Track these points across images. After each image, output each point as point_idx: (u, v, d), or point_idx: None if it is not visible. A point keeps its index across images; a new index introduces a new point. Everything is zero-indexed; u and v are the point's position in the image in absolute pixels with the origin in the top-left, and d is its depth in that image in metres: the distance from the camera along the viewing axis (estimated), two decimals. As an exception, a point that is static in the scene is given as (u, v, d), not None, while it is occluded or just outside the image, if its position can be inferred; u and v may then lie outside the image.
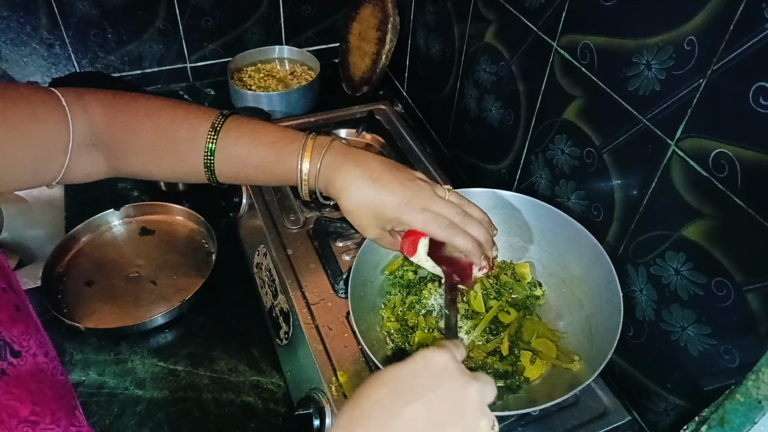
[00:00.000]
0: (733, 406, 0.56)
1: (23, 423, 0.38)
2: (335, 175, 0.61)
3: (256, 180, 0.65)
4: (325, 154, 0.61)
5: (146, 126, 0.61)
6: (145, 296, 0.96)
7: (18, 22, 1.19)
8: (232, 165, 0.63)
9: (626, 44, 0.66)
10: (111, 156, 0.63)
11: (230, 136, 0.62)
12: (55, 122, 0.57)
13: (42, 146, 0.57)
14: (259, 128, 0.63)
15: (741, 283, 0.57)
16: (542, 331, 0.74)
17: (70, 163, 0.59)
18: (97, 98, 0.61)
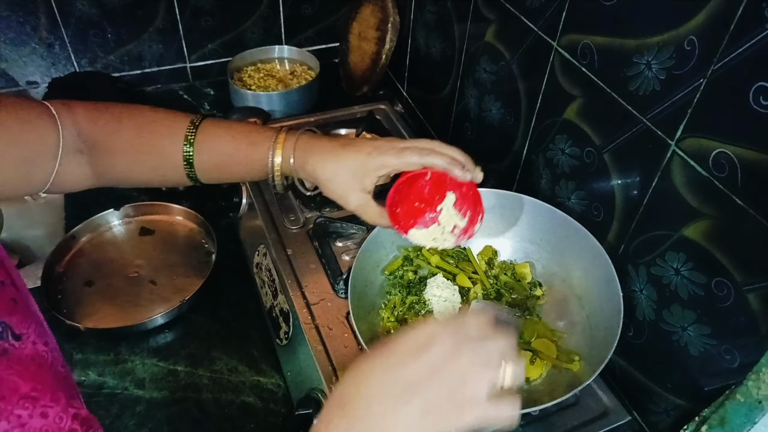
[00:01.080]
0: (734, 406, 0.56)
1: (24, 399, 0.39)
2: (308, 152, 0.65)
3: (233, 171, 0.68)
4: (298, 138, 0.66)
5: (127, 125, 0.65)
6: (145, 296, 0.96)
7: (18, 21, 1.19)
8: (209, 155, 0.65)
9: (626, 44, 0.66)
10: (95, 159, 0.65)
11: (207, 129, 0.66)
12: (45, 127, 0.60)
13: (33, 149, 0.59)
14: (234, 123, 0.68)
15: (741, 283, 0.57)
16: (542, 331, 0.74)
17: (60, 168, 0.61)
18: (83, 105, 0.64)
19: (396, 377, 0.43)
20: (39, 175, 0.61)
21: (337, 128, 1.13)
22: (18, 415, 0.38)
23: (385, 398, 0.43)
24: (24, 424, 0.38)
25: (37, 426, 0.39)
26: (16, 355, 0.41)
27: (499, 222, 0.82)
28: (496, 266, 0.82)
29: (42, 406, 0.40)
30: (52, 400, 0.41)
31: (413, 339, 0.45)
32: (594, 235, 0.72)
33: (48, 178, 0.61)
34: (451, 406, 0.43)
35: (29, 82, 1.28)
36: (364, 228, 0.91)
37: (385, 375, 0.44)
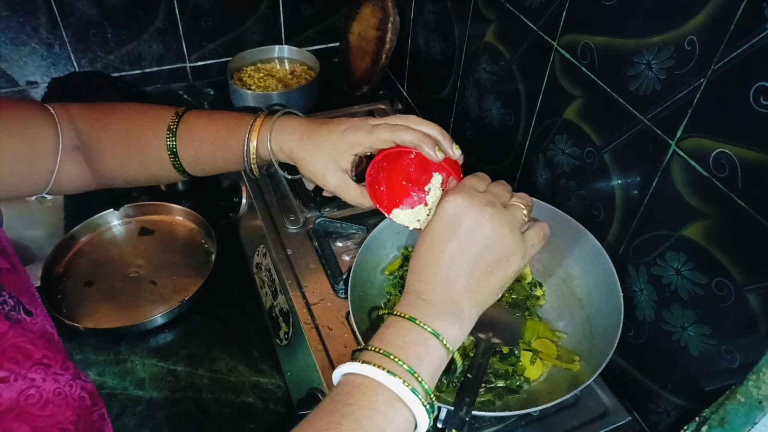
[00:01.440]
0: (734, 407, 0.56)
1: (36, 364, 0.41)
2: (284, 133, 0.65)
3: (216, 159, 0.68)
4: (275, 121, 0.66)
5: (114, 119, 0.67)
6: (145, 296, 0.96)
7: (17, 21, 1.19)
8: (191, 143, 0.66)
9: (627, 44, 0.66)
10: (90, 156, 0.66)
11: (190, 118, 0.67)
12: (44, 123, 0.62)
13: (34, 144, 0.61)
14: (216, 112, 0.69)
15: (741, 283, 0.57)
16: (542, 332, 0.74)
17: (60, 166, 0.63)
18: (78, 105, 0.67)
19: (442, 258, 0.51)
20: (41, 174, 0.62)
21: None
22: (32, 378, 0.40)
23: (442, 279, 0.50)
24: (39, 386, 0.40)
25: (50, 388, 0.41)
26: (28, 327, 0.43)
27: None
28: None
29: (53, 373, 0.42)
30: (62, 369, 0.43)
31: (444, 218, 0.52)
32: (594, 235, 0.72)
33: (50, 176, 0.63)
34: (497, 264, 0.52)
35: (29, 82, 1.28)
36: (364, 228, 0.91)
37: (435, 259, 0.51)
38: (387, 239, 0.81)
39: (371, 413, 0.42)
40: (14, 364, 0.40)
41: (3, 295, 0.42)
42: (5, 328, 0.41)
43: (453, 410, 0.61)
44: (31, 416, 0.39)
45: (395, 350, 0.46)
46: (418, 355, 0.46)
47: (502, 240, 0.52)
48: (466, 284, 0.50)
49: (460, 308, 0.50)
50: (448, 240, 0.51)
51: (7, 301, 0.42)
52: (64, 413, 0.42)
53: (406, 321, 0.48)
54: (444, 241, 0.51)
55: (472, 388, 0.63)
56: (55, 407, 0.41)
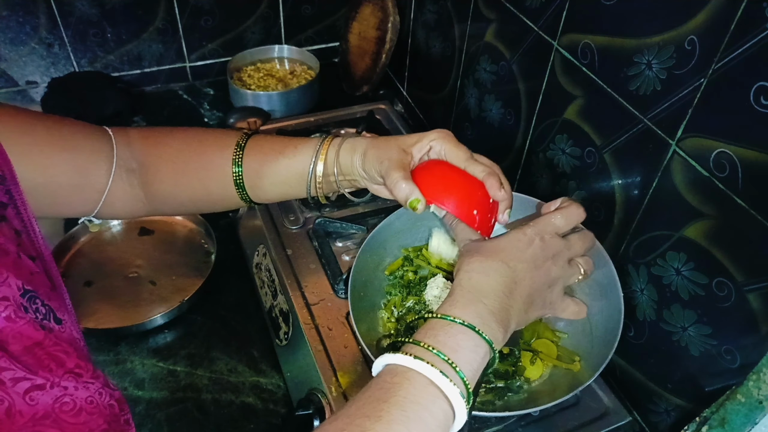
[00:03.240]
0: (734, 407, 0.56)
1: (69, 373, 0.42)
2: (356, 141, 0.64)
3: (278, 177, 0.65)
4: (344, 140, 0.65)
5: (176, 136, 0.66)
6: (145, 296, 0.96)
7: (17, 21, 1.19)
8: (256, 157, 0.65)
9: (627, 44, 0.65)
10: (145, 175, 0.65)
11: (257, 138, 0.66)
12: (100, 138, 0.62)
13: (87, 158, 0.60)
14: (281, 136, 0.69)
15: (742, 283, 0.57)
16: (543, 332, 0.74)
17: (112, 186, 0.62)
18: (139, 128, 0.67)
19: (514, 275, 0.53)
20: (91, 192, 0.62)
21: (337, 128, 1.13)
22: (65, 386, 0.41)
23: (508, 292, 0.52)
24: (72, 394, 0.41)
25: (83, 396, 0.42)
26: (59, 336, 0.44)
27: (499, 222, 0.82)
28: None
29: (84, 382, 0.43)
30: (92, 377, 0.44)
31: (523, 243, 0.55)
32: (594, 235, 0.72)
33: (100, 196, 0.62)
34: (539, 304, 0.55)
35: (29, 81, 1.28)
36: (364, 228, 0.91)
37: (507, 272, 0.53)
38: (387, 239, 0.81)
39: (418, 408, 0.44)
40: (48, 372, 0.40)
41: (36, 302, 0.43)
42: (41, 337, 0.41)
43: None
44: (65, 423, 0.40)
45: (450, 353, 0.47)
46: (469, 361, 0.47)
47: (551, 290, 0.56)
48: (520, 306, 0.53)
49: (508, 323, 0.52)
50: (522, 262, 0.54)
51: (39, 309, 0.43)
52: (96, 421, 0.42)
53: (464, 327, 0.48)
54: (518, 262, 0.54)
55: None
56: (88, 415, 0.42)
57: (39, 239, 0.48)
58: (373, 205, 0.97)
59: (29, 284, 0.43)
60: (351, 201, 0.70)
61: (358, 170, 0.62)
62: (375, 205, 0.97)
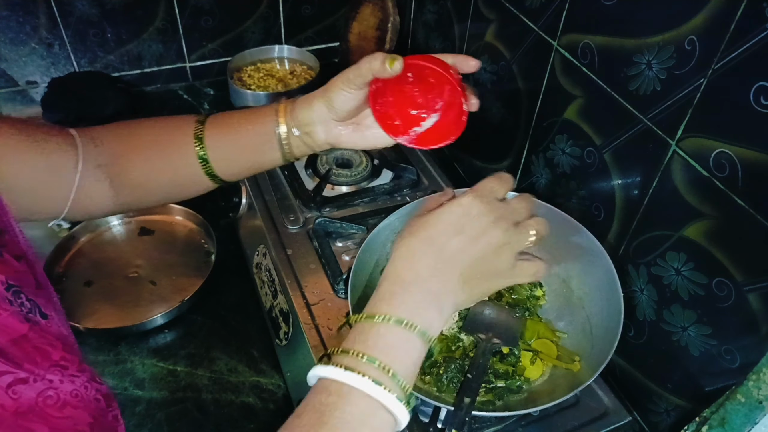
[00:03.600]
0: (734, 407, 0.56)
1: (54, 366, 0.42)
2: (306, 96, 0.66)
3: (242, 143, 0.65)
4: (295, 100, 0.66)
5: (142, 125, 0.67)
6: (145, 296, 0.96)
7: (17, 21, 1.19)
8: (218, 129, 0.65)
9: (627, 44, 0.66)
10: (113, 167, 0.65)
11: (218, 114, 0.67)
12: (65, 139, 0.62)
13: (54, 159, 0.60)
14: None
15: (742, 283, 0.57)
16: (543, 332, 0.74)
17: (81, 183, 0.62)
18: (104, 125, 0.67)
19: (442, 253, 0.50)
20: (59, 190, 0.61)
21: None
22: (50, 379, 0.41)
23: (436, 273, 0.49)
24: (56, 387, 0.41)
25: (68, 389, 0.42)
26: (45, 329, 0.44)
27: (499, 222, 0.82)
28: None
29: (70, 375, 0.42)
30: (78, 371, 0.43)
31: (455, 215, 0.51)
32: (594, 235, 0.72)
33: (68, 194, 0.61)
34: (485, 276, 0.52)
35: (29, 81, 1.28)
36: (364, 228, 0.91)
37: (434, 251, 0.50)
38: (387, 239, 0.81)
39: (358, 425, 0.43)
40: (33, 365, 0.40)
41: (21, 297, 0.43)
42: (26, 330, 0.41)
43: (453, 410, 0.61)
44: (49, 417, 0.40)
45: (382, 356, 0.45)
46: (403, 359, 0.46)
47: (499, 259, 0.52)
48: (455, 285, 0.50)
49: (443, 306, 0.50)
50: (453, 236, 0.51)
51: (24, 303, 0.43)
52: (81, 415, 0.42)
53: (392, 324, 0.47)
54: (448, 237, 0.51)
55: (472, 388, 0.63)
56: (73, 409, 0.41)
57: (20, 239, 0.48)
58: (373, 205, 0.97)
59: (13, 280, 0.43)
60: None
61: (318, 113, 0.63)
62: (375, 205, 0.97)
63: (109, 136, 0.65)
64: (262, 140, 0.64)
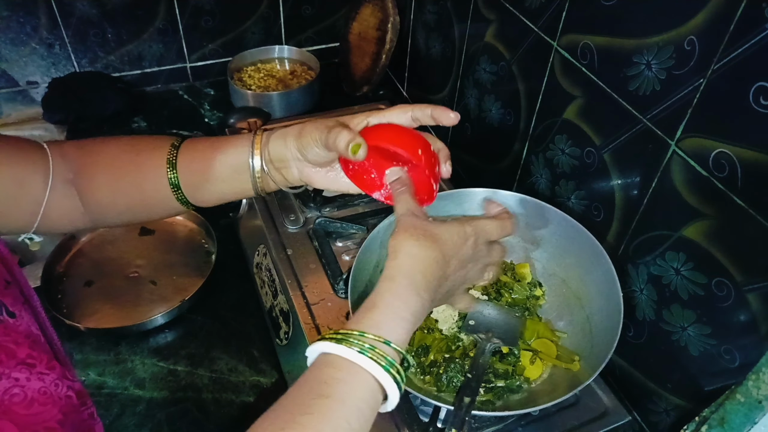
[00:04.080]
0: (734, 406, 0.56)
1: (21, 364, 0.41)
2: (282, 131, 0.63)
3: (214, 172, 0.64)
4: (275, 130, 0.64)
5: (111, 143, 0.65)
6: (145, 296, 0.96)
7: (18, 21, 1.19)
8: (191, 155, 0.63)
9: (626, 44, 0.66)
10: (82, 184, 0.63)
11: (193, 139, 0.65)
12: (35, 151, 0.61)
13: (23, 169, 0.59)
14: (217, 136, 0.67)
15: (741, 283, 0.57)
16: (542, 331, 0.74)
17: (50, 196, 0.61)
18: (74, 141, 0.66)
19: (445, 272, 0.54)
20: (29, 204, 0.60)
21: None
22: (16, 377, 0.40)
23: (435, 290, 0.53)
24: (23, 385, 0.41)
25: (36, 387, 0.41)
26: (11, 327, 0.43)
27: (499, 222, 0.82)
28: (496, 266, 0.82)
29: (38, 372, 0.42)
30: (47, 368, 0.43)
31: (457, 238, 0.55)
32: (594, 235, 0.72)
33: (38, 208, 0.60)
34: (448, 297, 0.58)
35: (29, 82, 1.28)
36: (364, 228, 0.91)
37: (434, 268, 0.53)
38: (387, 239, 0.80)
39: (357, 401, 0.44)
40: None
41: None
42: None
43: (453, 410, 0.61)
44: (16, 415, 0.39)
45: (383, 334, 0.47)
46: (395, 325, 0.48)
47: (460, 288, 0.59)
48: (440, 298, 0.56)
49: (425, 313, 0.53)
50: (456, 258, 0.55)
51: None
52: (50, 412, 0.42)
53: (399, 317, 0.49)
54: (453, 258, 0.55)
55: (472, 388, 0.63)
56: (41, 406, 0.41)
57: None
58: (373, 205, 0.97)
59: None
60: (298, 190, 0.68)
61: (292, 152, 0.61)
62: (375, 205, 0.97)
63: (80, 152, 0.64)
64: (234, 171, 0.63)
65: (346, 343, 0.45)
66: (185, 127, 1.31)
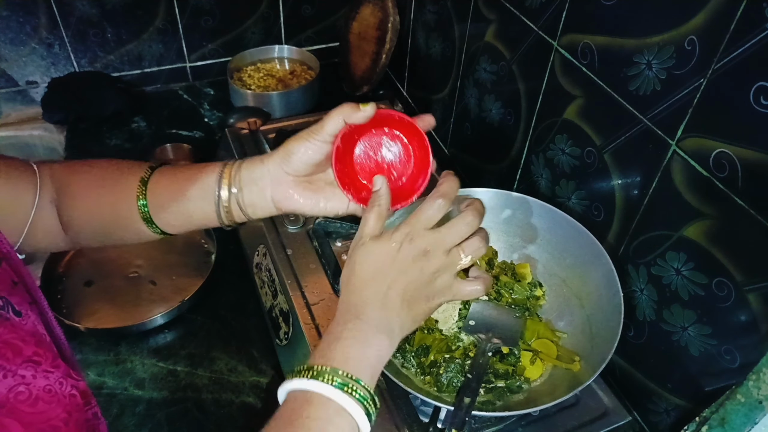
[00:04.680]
0: (734, 407, 0.56)
1: (27, 361, 0.41)
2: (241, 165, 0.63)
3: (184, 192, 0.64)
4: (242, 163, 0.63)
5: (97, 165, 0.66)
6: (145, 296, 0.96)
7: (17, 21, 1.19)
8: (164, 178, 0.63)
9: (627, 44, 0.66)
10: (62, 203, 0.64)
11: (167, 168, 0.65)
12: (25, 169, 0.62)
13: (14, 185, 0.60)
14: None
15: (742, 283, 0.57)
16: (543, 332, 0.74)
17: (35, 217, 0.61)
18: (63, 161, 0.67)
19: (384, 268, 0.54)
20: (15, 222, 0.60)
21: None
22: (22, 375, 0.41)
23: (377, 284, 0.53)
24: (29, 383, 0.41)
25: (41, 385, 0.41)
26: (18, 326, 0.43)
27: (499, 222, 0.82)
28: (496, 266, 0.82)
29: (43, 370, 0.42)
30: (52, 366, 0.43)
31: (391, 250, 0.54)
32: (594, 235, 0.72)
33: (23, 227, 0.61)
34: (426, 298, 0.55)
35: (29, 81, 1.28)
36: (364, 228, 0.91)
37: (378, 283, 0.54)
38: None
39: (324, 424, 0.47)
40: (5, 360, 0.40)
41: None
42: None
43: (453, 410, 0.61)
44: (21, 413, 0.39)
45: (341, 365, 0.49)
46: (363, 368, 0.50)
47: (435, 283, 0.55)
48: (399, 310, 0.54)
49: (393, 329, 0.53)
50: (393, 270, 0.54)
51: None
52: (55, 410, 0.42)
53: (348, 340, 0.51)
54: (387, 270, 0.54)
55: (472, 388, 0.63)
56: (45, 404, 0.41)
57: (4, 242, 0.48)
58: (373, 205, 0.97)
59: None
60: None
61: (270, 169, 0.60)
62: (375, 205, 0.97)
63: (64, 173, 0.64)
64: (202, 198, 0.62)
65: (322, 378, 0.48)
66: (185, 127, 1.31)
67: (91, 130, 1.28)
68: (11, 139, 1.28)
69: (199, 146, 1.25)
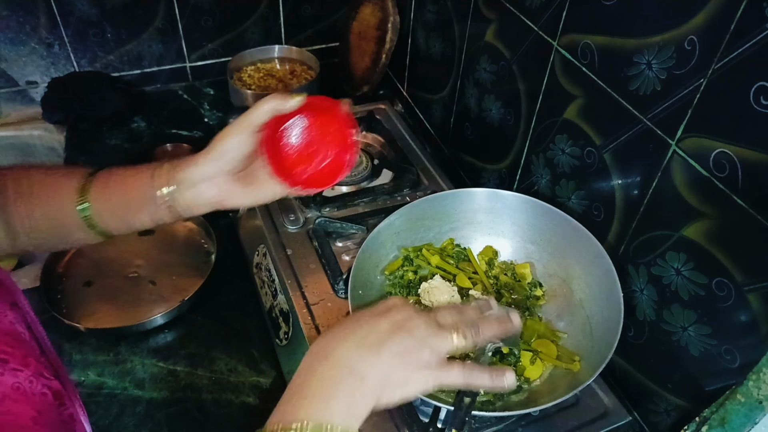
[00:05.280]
0: (734, 407, 0.56)
1: None
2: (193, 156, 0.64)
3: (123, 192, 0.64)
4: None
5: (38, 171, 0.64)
6: (145, 296, 0.96)
7: (17, 21, 1.19)
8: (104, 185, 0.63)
9: (627, 44, 0.66)
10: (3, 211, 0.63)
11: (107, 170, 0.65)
12: None
13: None
14: None
15: (742, 283, 0.57)
16: (543, 332, 0.74)
17: None
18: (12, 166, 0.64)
19: (368, 332, 0.51)
20: None
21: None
22: None
23: (360, 348, 0.50)
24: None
25: (9, 382, 0.41)
26: None
27: (499, 222, 0.82)
28: (497, 266, 0.82)
29: (12, 368, 0.42)
30: (21, 365, 0.43)
31: (380, 305, 0.54)
32: (594, 235, 0.72)
33: None
34: (410, 367, 0.50)
35: (29, 81, 1.28)
36: (364, 228, 0.91)
37: (360, 330, 0.52)
38: (387, 239, 0.81)
39: None
40: None
41: None
42: None
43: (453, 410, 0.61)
44: None
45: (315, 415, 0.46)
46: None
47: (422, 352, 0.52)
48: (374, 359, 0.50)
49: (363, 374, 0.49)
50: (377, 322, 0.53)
51: None
52: (23, 408, 0.41)
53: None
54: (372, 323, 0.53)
55: None
56: (12, 402, 0.41)
57: None
58: (373, 205, 0.97)
59: None
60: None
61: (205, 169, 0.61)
62: (375, 205, 0.97)
63: (9, 179, 0.63)
64: (140, 199, 0.63)
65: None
66: (185, 127, 1.31)
67: (91, 130, 1.28)
68: (11, 139, 1.28)
69: (199, 146, 1.24)
